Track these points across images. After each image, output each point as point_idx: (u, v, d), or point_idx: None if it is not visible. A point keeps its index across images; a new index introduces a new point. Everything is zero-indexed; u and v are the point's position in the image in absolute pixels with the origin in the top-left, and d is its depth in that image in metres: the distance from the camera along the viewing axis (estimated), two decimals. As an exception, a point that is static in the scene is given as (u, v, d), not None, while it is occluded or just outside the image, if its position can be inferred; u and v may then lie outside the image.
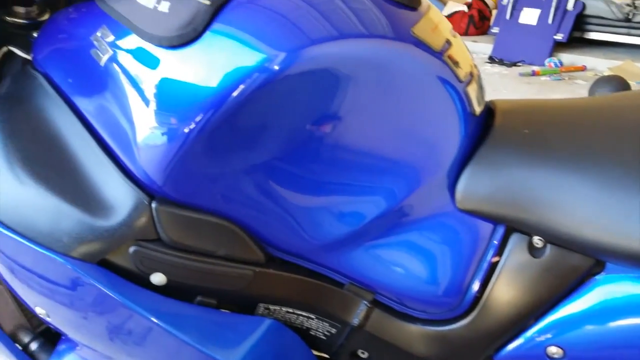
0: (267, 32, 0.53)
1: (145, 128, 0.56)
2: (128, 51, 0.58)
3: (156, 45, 0.55)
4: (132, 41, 0.58)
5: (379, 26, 0.57)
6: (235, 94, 0.51)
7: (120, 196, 0.59)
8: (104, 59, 0.60)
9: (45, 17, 0.82)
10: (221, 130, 0.54)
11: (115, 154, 0.61)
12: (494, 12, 5.94)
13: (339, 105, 0.56)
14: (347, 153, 0.60)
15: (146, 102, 0.56)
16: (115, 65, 0.59)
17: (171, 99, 0.55)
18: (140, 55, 0.57)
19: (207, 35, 0.54)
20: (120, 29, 0.59)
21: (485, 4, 6.18)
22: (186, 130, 0.53)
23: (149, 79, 0.56)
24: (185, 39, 0.54)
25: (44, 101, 0.66)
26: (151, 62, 0.56)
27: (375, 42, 0.56)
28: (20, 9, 0.81)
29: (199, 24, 0.53)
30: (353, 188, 0.63)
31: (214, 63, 0.54)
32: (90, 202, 0.60)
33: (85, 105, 0.63)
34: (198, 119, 0.53)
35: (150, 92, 0.56)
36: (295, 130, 0.57)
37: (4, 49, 0.79)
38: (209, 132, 0.53)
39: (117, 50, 0.59)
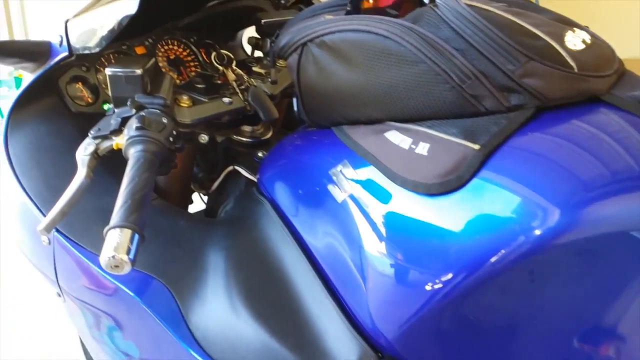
0: (543, 185, 0.45)
1: (381, 278, 0.50)
2: (373, 192, 0.53)
3: (409, 190, 0.50)
4: (379, 182, 0.53)
5: None
6: (494, 259, 0.43)
7: (343, 348, 0.53)
8: (342, 196, 0.56)
9: (269, 135, 0.85)
10: (470, 296, 0.46)
11: (341, 298, 0.55)
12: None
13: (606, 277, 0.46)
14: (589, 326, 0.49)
15: (386, 250, 0.50)
16: (354, 205, 0.54)
17: (417, 251, 0.48)
18: (387, 198, 0.52)
19: (472, 184, 0.47)
20: (366, 167, 0.55)
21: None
22: (430, 288, 0.46)
23: (394, 226, 0.50)
24: (446, 188, 0.47)
25: (270, 230, 0.64)
26: (399, 208, 0.50)
27: None
28: (247, 128, 0.84)
29: (465, 171, 0.47)
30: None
31: (475, 217, 0.46)
32: (308, 349, 0.54)
33: (313, 240, 0.59)
34: (446, 278, 0.45)
35: (392, 239, 0.50)
36: (553, 305, 0.47)
37: (230, 167, 0.81)
38: (456, 295, 0.46)
39: (360, 190, 0.54)
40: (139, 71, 0.65)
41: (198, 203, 1.03)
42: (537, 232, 0.42)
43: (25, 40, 0.83)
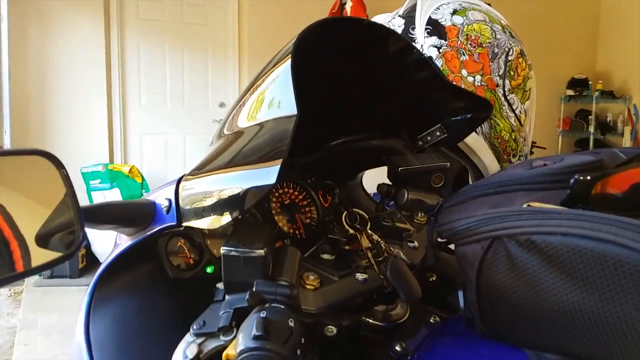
0: None
1: None
2: None
3: None
4: None
5: None
6: None
7: None
8: None
9: (406, 317, 0.69)
10: None
11: None
12: None
13: None
14: None
15: None
16: None
17: None
18: None
19: None
20: None
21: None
22: None
23: None
24: None
25: None
26: None
27: None
28: (380, 308, 0.68)
29: None
30: None
31: None
32: None
33: None
34: None
35: None
36: None
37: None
38: None
39: None
40: (260, 251, 0.55)
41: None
42: None
43: (125, 202, 0.71)
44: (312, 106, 0.55)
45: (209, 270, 0.71)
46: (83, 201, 0.57)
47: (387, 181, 0.81)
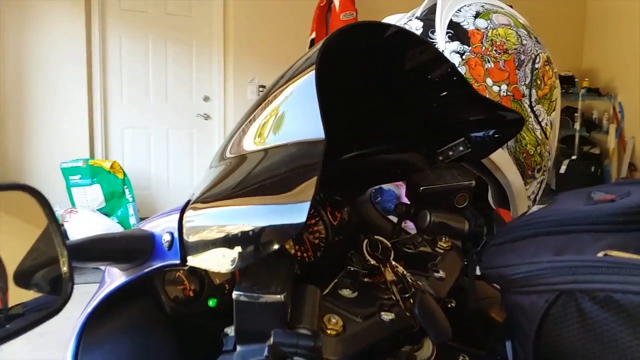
0: None
1: None
2: None
3: None
4: None
5: None
6: None
7: None
8: None
9: (432, 358, 0.62)
10: None
11: None
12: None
13: None
14: None
15: None
16: None
17: None
18: None
19: None
20: None
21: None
22: None
23: None
24: None
25: None
26: None
27: None
28: (405, 348, 0.62)
29: None
30: None
31: None
32: None
33: None
34: None
35: None
36: None
37: None
38: None
39: None
40: (279, 297, 0.47)
41: None
42: None
43: (119, 235, 0.62)
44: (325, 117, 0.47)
45: (211, 303, 0.63)
46: (62, 197, 0.48)
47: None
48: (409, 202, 0.76)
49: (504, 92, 0.90)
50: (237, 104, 5.07)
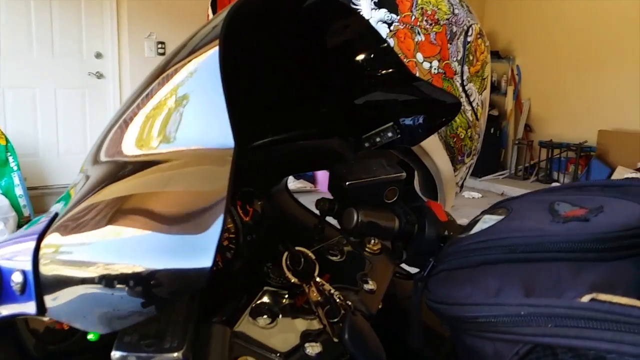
0: None
1: None
2: None
3: None
4: None
5: None
6: None
7: None
8: None
9: None
10: None
11: None
12: None
13: None
14: None
15: None
16: None
17: None
18: None
19: None
20: None
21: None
22: None
23: None
24: None
25: None
26: None
27: None
28: None
29: None
30: None
31: None
32: None
33: None
34: None
35: None
36: None
37: None
38: None
39: None
40: (177, 354, 0.36)
41: None
42: None
43: None
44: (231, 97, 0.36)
45: (91, 337, 0.48)
46: None
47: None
48: (332, 197, 0.66)
49: (435, 69, 0.79)
50: (133, 62, 4.68)
